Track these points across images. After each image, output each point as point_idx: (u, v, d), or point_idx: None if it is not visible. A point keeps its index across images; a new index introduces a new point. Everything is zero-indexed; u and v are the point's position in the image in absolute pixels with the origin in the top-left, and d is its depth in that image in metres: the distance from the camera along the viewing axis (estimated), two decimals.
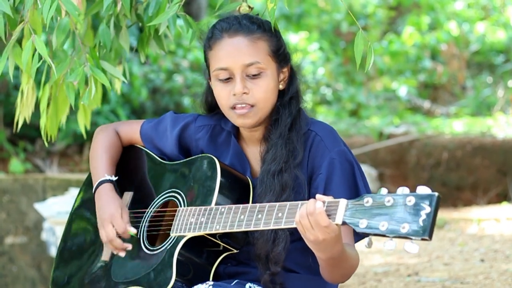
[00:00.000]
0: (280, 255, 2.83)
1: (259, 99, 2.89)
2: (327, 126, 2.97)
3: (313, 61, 12.32)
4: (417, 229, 2.33)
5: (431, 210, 2.32)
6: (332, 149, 2.88)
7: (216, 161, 2.92)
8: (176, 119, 3.15)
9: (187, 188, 2.98)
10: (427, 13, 13.19)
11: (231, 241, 2.91)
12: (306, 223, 2.54)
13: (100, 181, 3.10)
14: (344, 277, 2.79)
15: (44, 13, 3.04)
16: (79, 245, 3.22)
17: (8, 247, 7.15)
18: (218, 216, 2.80)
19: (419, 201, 2.34)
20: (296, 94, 2.98)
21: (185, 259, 2.86)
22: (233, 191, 2.91)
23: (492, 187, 8.95)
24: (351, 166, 2.88)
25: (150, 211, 3.05)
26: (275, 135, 2.92)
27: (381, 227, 2.38)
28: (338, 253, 2.63)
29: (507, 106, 11.47)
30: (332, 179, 2.84)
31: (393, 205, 2.38)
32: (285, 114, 2.93)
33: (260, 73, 2.89)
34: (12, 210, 7.16)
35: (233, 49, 2.89)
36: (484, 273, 5.06)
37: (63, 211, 5.98)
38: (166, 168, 3.11)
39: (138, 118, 8.83)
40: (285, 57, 2.98)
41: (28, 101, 3.50)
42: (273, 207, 2.68)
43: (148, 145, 3.20)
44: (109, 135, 3.23)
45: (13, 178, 7.39)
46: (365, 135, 9.66)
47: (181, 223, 2.88)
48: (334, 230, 2.53)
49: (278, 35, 2.97)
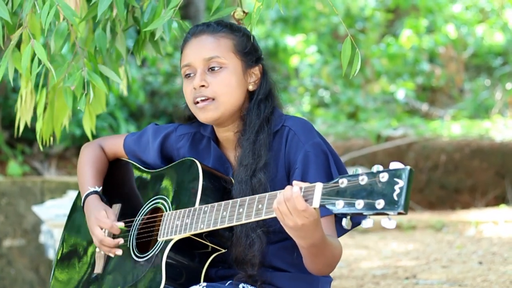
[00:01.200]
0: (255, 258, 2.86)
1: (218, 92, 2.93)
2: (301, 120, 3.00)
3: (311, 64, 12.33)
4: (392, 204, 2.34)
5: (404, 184, 2.34)
6: (306, 142, 2.91)
7: (198, 163, 2.95)
8: (157, 131, 3.21)
9: (171, 193, 3.02)
10: (425, 16, 13.21)
11: (218, 240, 2.93)
12: (284, 209, 2.56)
13: (86, 194, 3.17)
14: (328, 267, 2.80)
15: (43, 18, 3.05)
16: (73, 259, 3.25)
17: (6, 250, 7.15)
18: (202, 215, 2.83)
19: (392, 176, 2.36)
20: (267, 95, 3.01)
21: (175, 263, 2.87)
22: (216, 191, 2.94)
23: (490, 189, 8.96)
24: (326, 156, 2.90)
25: (138, 219, 3.08)
26: (245, 139, 2.96)
27: (357, 205, 2.41)
28: (318, 239, 2.64)
29: (505, 109, 11.48)
30: (308, 172, 2.86)
31: (368, 183, 2.40)
32: (253, 116, 2.97)
33: (221, 67, 2.94)
34: (10, 213, 7.16)
35: (196, 46, 2.98)
36: (482, 276, 5.07)
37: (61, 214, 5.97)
38: (151, 176, 3.15)
39: (136, 120, 8.83)
40: (253, 57, 3.01)
41: (27, 105, 3.51)
42: (253, 200, 2.71)
43: (132, 158, 3.26)
44: (94, 151, 3.29)
45: (11, 181, 7.39)
46: (363, 138, 9.67)
47: (168, 227, 2.91)
48: (312, 214, 2.55)
49: (248, 36, 3.03)
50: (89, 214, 3.11)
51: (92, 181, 3.20)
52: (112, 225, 3.03)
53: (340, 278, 5.43)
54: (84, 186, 3.20)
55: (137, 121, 8.84)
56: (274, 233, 2.90)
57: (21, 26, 3.20)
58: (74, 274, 3.21)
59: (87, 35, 3.63)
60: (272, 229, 2.88)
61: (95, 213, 3.07)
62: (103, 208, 3.09)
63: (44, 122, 3.54)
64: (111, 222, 3.03)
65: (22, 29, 3.16)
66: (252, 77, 3.01)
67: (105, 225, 3.03)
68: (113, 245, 3.03)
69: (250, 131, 2.95)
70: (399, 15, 13.88)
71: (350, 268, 5.83)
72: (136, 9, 3.47)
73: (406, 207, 2.34)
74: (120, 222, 3.05)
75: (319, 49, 12.65)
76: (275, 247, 2.94)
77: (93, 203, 3.13)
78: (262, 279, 2.90)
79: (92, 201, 3.14)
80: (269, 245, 2.92)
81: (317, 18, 13.23)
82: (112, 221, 3.04)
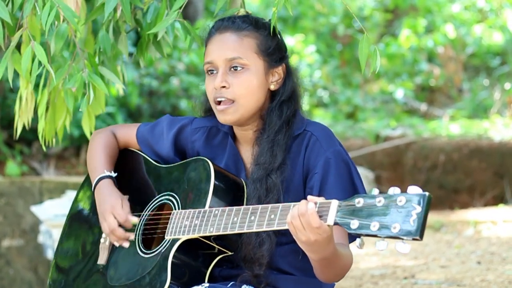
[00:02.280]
0: (263, 258, 2.85)
1: (239, 94, 2.91)
2: (323, 126, 2.98)
3: (309, 64, 12.33)
4: (408, 229, 2.33)
5: (422, 210, 2.33)
6: (327, 149, 2.89)
7: (210, 163, 2.93)
8: (172, 122, 3.17)
9: (181, 191, 2.99)
10: (424, 16, 13.20)
11: (225, 243, 2.91)
12: (298, 224, 2.55)
13: (100, 177, 3.11)
14: (338, 276, 2.80)
15: (43, 19, 3.05)
16: (75, 250, 3.22)
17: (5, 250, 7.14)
18: (212, 218, 2.80)
19: (410, 201, 2.35)
20: (290, 96, 2.99)
21: (180, 262, 2.86)
22: (227, 193, 2.92)
23: (488, 189, 8.96)
24: (347, 166, 2.89)
25: (145, 214, 3.05)
26: (263, 138, 2.94)
27: (372, 227, 2.39)
28: (330, 253, 2.63)
29: (503, 109, 11.48)
30: (328, 179, 2.85)
31: (384, 205, 2.39)
32: (274, 116, 2.95)
33: (243, 68, 2.92)
34: (8, 213, 7.15)
35: (220, 44, 2.95)
36: (480, 276, 5.07)
37: (60, 214, 5.97)
38: (161, 172, 3.12)
39: (134, 121, 8.83)
40: (277, 57, 2.99)
41: (27, 106, 3.50)
42: (265, 209, 2.69)
43: (144, 148, 3.21)
44: (106, 137, 3.24)
45: (9, 181, 7.39)
46: (362, 138, 9.67)
47: (176, 226, 2.88)
48: (325, 231, 2.53)
49: (273, 35, 3.00)
50: (103, 198, 3.05)
51: (106, 165, 3.15)
52: (126, 219, 2.99)
53: None
54: (96, 169, 3.14)
55: (135, 121, 8.83)
56: (284, 235, 2.88)
57: (21, 27, 3.19)
58: (75, 264, 3.18)
59: (86, 36, 3.63)
60: (283, 230, 2.86)
61: (112, 200, 3.02)
62: (119, 196, 3.04)
63: (46, 122, 3.53)
64: (125, 215, 2.99)
65: (22, 30, 3.16)
66: (275, 76, 2.99)
67: (119, 217, 2.99)
68: (123, 238, 3.00)
69: (269, 130, 2.93)
70: (398, 15, 13.87)
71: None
72: (138, 11, 3.47)
73: (422, 233, 2.33)
74: (134, 217, 3.01)
75: (317, 49, 12.64)
76: (283, 249, 2.93)
77: (108, 188, 3.07)
78: (267, 280, 2.89)
79: (106, 186, 3.08)
80: (278, 246, 2.91)
81: (316, 18, 13.22)
82: (127, 213, 3.00)
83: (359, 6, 13.29)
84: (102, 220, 3.03)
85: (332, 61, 12.76)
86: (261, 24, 3.00)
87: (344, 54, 13.05)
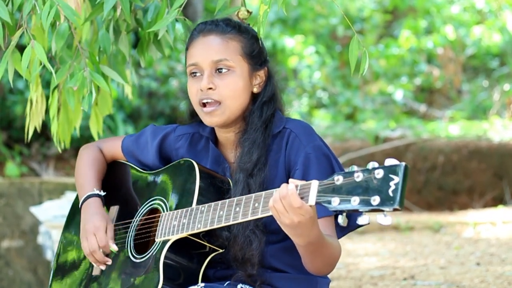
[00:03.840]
0: (254, 257, 2.86)
1: (225, 96, 2.93)
2: (302, 122, 3.01)
3: (309, 65, 12.33)
4: (387, 200, 2.34)
5: (400, 180, 2.34)
6: (307, 144, 2.92)
7: (194, 163, 2.96)
8: (155, 131, 3.21)
9: (169, 194, 3.02)
10: (423, 17, 13.21)
11: (215, 240, 2.93)
12: (280, 207, 2.56)
13: (88, 195, 3.14)
14: (327, 266, 2.81)
15: (43, 19, 3.04)
16: (71, 262, 3.24)
17: (4, 251, 7.14)
18: (199, 215, 2.83)
19: (388, 173, 2.36)
20: (270, 98, 3.01)
21: (172, 263, 2.88)
22: (213, 191, 2.94)
23: (488, 190, 8.96)
24: (328, 159, 2.91)
25: (135, 220, 3.07)
26: (246, 140, 2.96)
27: (353, 202, 2.41)
28: (315, 237, 2.65)
29: (503, 110, 11.49)
30: (309, 174, 2.86)
31: (363, 180, 2.41)
32: (256, 118, 2.97)
33: (228, 70, 2.93)
34: (8, 214, 7.15)
35: (204, 46, 2.96)
36: (480, 277, 5.07)
37: (59, 215, 5.97)
38: (148, 178, 3.15)
39: (134, 122, 8.83)
40: (259, 60, 3.01)
41: (37, 109, 3.50)
42: (249, 198, 2.72)
43: (130, 159, 3.25)
44: (93, 152, 3.28)
45: (9, 182, 7.39)
46: (361, 139, 9.67)
47: (165, 227, 2.91)
48: (308, 212, 2.55)
49: (256, 38, 3.02)
50: (88, 218, 3.07)
51: (94, 183, 3.18)
52: (106, 245, 3.01)
53: (338, 279, 5.43)
54: (84, 187, 3.17)
55: (134, 122, 8.83)
56: (273, 233, 2.90)
57: (21, 27, 3.19)
58: (74, 275, 3.20)
59: (92, 36, 3.62)
60: (271, 228, 2.88)
61: (96, 221, 3.04)
62: (105, 219, 3.06)
63: (59, 123, 3.53)
64: (106, 241, 3.01)
65: (22, 30, 3.16)
66: (257, 79, 3.01)
67: (100, 241, 3.01)
68: (102, 261, 3.02)
69: (250, 132, 2.96)
70: (397, 16, 13.88)
71: (348, 269, 5.83)
72: (138, 10, 3.46)
73: (402, 203, 2.34)
74: (115, 246, 3.02)
75: (317, 50, 12.65)
76: (274, 247, 2.94)
77: (94, 207, 3.09)
78: (262, 279, 2.91)
79: (93, 205, 3.10)
80: (269, 245, 2.93)
81: (315, 19, 13.23)
82: (109, 238, 3.01)
83: (358, 7, 13.30)
84: (84, 240, 3.05)
85: (331, 62, 12.77)
86: (244, 28, 3.03)
87: (344, 55, 13.06)
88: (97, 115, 3.64)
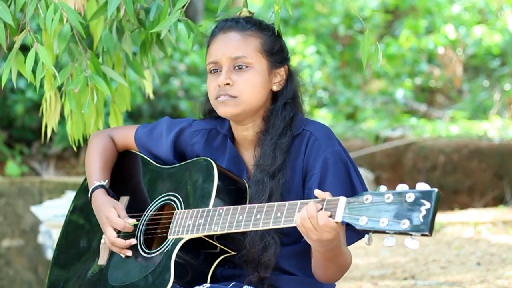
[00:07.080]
0: (270, 261, 2.85)
1: (242, 91, 2.92)
2: (323, 126, 2.99)
3: (310, 65, 12.33)
4: (417, 225, 2.35)
5: (431, 206, 2.35)
6: (326, 149, 2.89)
7: (213, 163, 2.92)
8: (171, 125, 3.17)
9: (184, 191, 2.98)
10: (424, 17, 13.21)
11: (228, 243, 2.91)
12: (309, 225, 2.56)
13: (93, 188, 3.12)
14: (337, 274, 2.83)
15: (48, 23, 3.04)
16: (74, 250, 3.22)
17: (5, 250, 7.15)
18: (216, 217, 2.80)
19: (419, 197, 2.37)
20: (292, 98, 2.99)
21: (183, 261, 2.86)
22: (230, 193, 2.91)
23: (488, 190, 8.96)
24: (346, 166, 2.89)
25: (147, 214, 3.05)
26: (266, 140, 2.94)
27: (381, 223, 2.40)
28: (336, 246, 2.67)
29: (503, 110, 11.49)
30: (326, 179, 2.85)
31: (393, 202, 2.41)
32: (278, 119, 2.95)
33: (247, 67, 2.93)
34: (8, 213, 7.16)
35: (224, 43, 2.96)
36: (480, 277, 5.07)
37: (59, 214, 5.98)
38: (163, 172, 3.11)
39: (135, 121, 8.83)
40: (280, 58, 3.00)
41: (52, 108, 3.50)
42: (271, 207, 2.69)
43: (142, 151, 3.21)
44: (103, 141, 3.24)
45: (9, 181, 7.40)
46: (362, 139, 9.67)
47: (179, 225, 2.88)
48: (335, 228, 2.55)
49: (277, 36, 3.01)
50: (98, 212, 3.06)
51: (98, 175, 3.15)
52: (124, 226, 2.99)
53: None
54: (91, 178, 3.15)
55: (135, 121, 8.84)
56: (286, 235, 2.89)
57: (24, 29, 3.19)
58: (75, 265, 3.18)
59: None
60: (285, 231, 2.85)
61: (105, 212, 3.02)
62: (111, 204, 3.04)
63: (73, 123, 3.54)
64: (123, 223, 2.99)
65: (26, 32, 3.15)
66: (277, 77, 2.99)
67: (118, 226, 2.99)
68: (124, 246, 2.99)
69: (273, 133, 2.93)
70: (398, 16, 13.88)
71: (349, 269, 5.83)
72: (141, 10, 3.46)
73: (432, 229, 2.34)
74: (131, 219, 3.00)
75: (318, 50, 12.65)
76: (285, 250, 2.92)
77: (101, 199, 3.08)
78: (269, 281, 2.89)
79: (99, 196, 3.09)
80: (280, 247, 2.90)
81: (317, 18, 13.23)
82: (123, 220, 2.99)
83: (360, 7, 13.29)
84: (104, 233, 3.06)
85: (332, 62, 12.76)
86: (265, 25, 3.02)
87: (344, 55, 13.06)
88: (115, 112, 3.64)
